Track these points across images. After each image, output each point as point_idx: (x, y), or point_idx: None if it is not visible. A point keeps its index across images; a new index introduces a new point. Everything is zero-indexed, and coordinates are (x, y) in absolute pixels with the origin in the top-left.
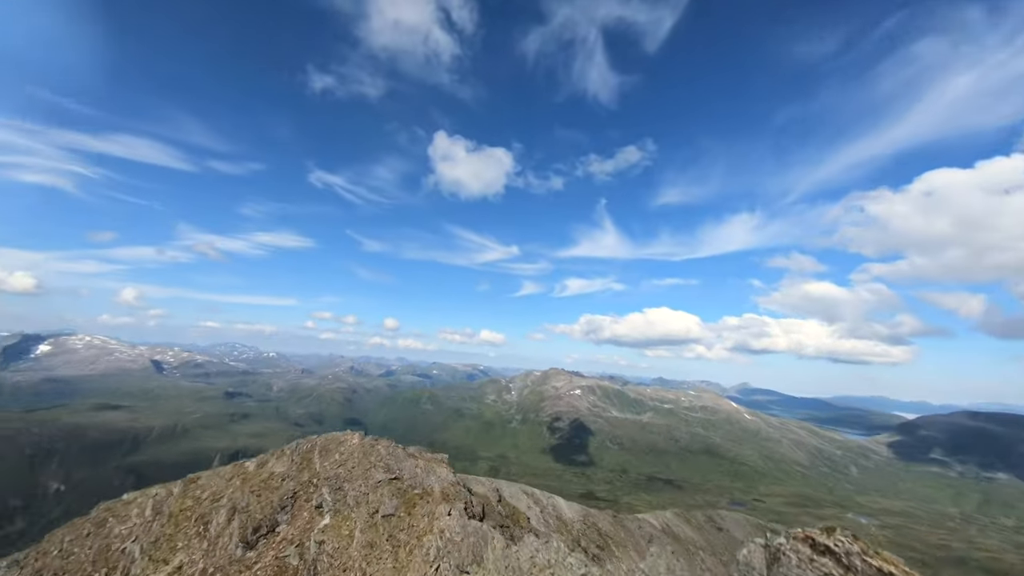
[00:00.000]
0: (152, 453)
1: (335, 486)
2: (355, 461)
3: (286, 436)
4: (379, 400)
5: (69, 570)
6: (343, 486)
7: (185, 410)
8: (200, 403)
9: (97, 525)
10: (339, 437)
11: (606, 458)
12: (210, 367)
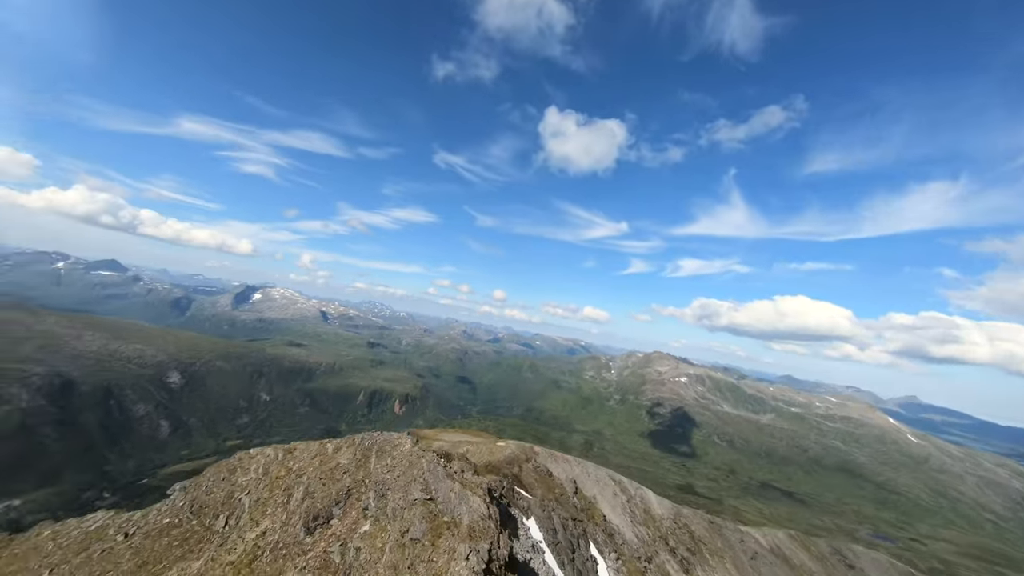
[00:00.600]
0: (320, 383)
1: (380, 492)
2: (401, 470)
3: (411, 383)
4: (486, 363)
5: (208, 505)
6: (386, 494)
7: (341, 352)
8: (351, 348)
9: (230, 471)
10: (394, 440)
11: (711, 454)
12: (359, 320)
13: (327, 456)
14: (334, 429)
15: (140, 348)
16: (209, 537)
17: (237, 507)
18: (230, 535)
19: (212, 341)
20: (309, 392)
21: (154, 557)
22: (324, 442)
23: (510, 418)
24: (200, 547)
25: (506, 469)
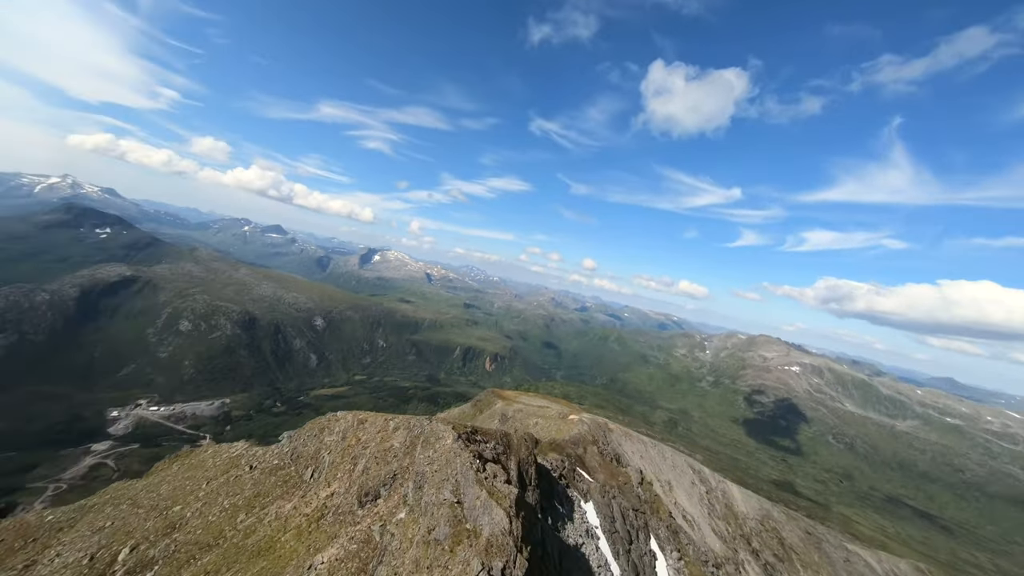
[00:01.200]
0: (424, 335)
1: (418, 483)
2: (439, 465)
3: (501, 344)
4: (572, 331)
5: (303, 456)
6: (423, 486)
7: (441, 311)
8: (450, 308)
9: (320, 429)
10: (439, 432)
11: (822, 454)
12: (457, 283)
13: (386, 435)
14: (434, 376)
15: (296, 296)
16: (300, 485)
17: (320, 464)
18: (311, 488)
19: (344, 294)
20: (415, 343)
21: (264, 491)
22: (388, 419)
23: (592, 386)
24: (292, 492)
25: (570, 449)
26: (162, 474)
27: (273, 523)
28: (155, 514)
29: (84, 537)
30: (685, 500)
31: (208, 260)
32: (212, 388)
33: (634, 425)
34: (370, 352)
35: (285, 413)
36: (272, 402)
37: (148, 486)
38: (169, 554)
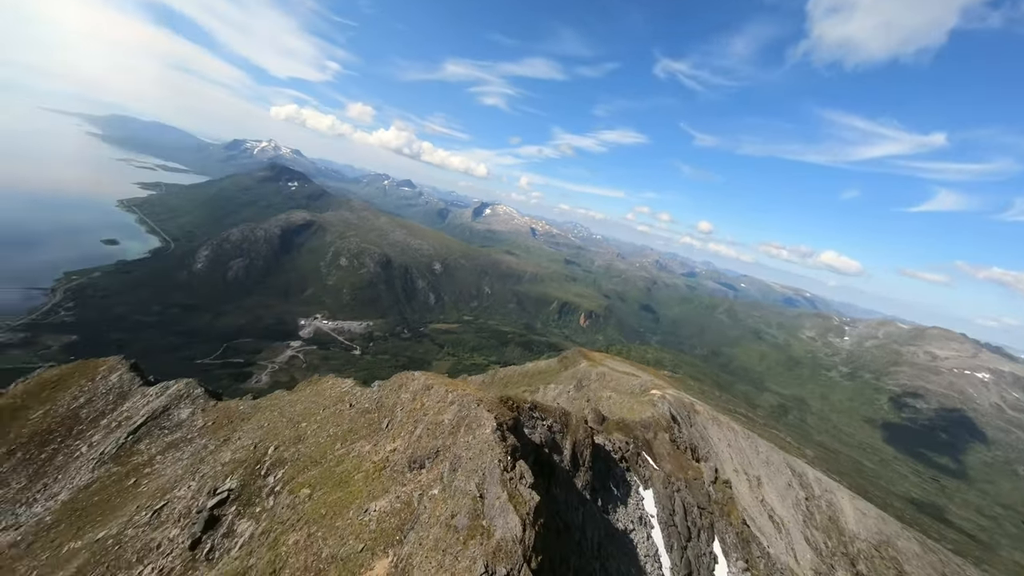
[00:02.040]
0: (525, 287)
1: (454, 466)
2: (473, 453)
3: (597, 301)
4: (675, 296)
5: (384, 406)
6: (457, 469)
7: (542, 265)
8: (550, 262)
9: (399, 385)
10: (482, 420)
11: (1002, 485)
12: (559, 239)
13: (442, 407)
14: (532, 325)
15: (420, 243)
16: (378, 432)
17: (393, 419)
18: (383, 438)
19: (458, 243)
20: (516, 293)
21: (355, 429)
22: (448, 391)
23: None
24: (372, 437)
25: (639, 432)
26: (300, 393)
27: (353, 460)
28: (291, 425)
29: (253, 430)
30: (776, 501)
31: (359, 209)
32: (361, 312)
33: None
34: (477, 297)
35: (409, 339)
36: (401, 329)
37: (291, 401)
38: (294, 459)
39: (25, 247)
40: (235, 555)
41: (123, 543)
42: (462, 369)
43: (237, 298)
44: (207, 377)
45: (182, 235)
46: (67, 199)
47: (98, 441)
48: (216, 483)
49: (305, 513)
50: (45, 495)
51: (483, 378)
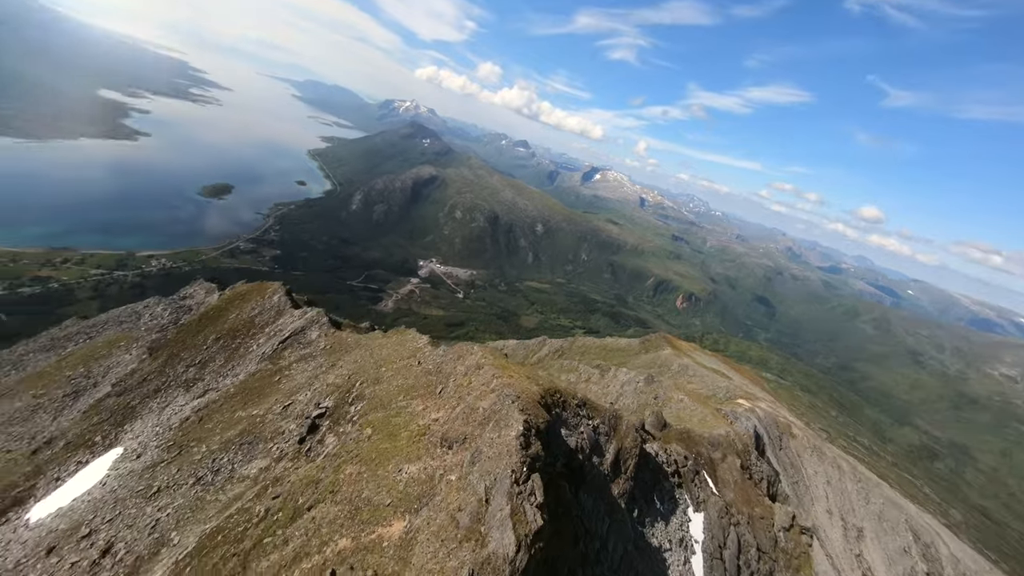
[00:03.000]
0: (622, 258)
1: (474, 459)
2: (493, 453)
3: (701, 284)
4: (804, 292)
5: (443, 372)
6: (476, 463)
7: (646, 238)
8: (656, 236)
9: (458, 356)
10: (510, 418)
11: None
12: (670, 212)
13: (484, 392)
14: (623, 298)
15: (527, 203)
16: (431, 396)
17: (446, 388)
18: (431, 404)
19: (562, 207)
20: (612, 263)
21: (415, 387)
22: (495, 375)
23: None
24: (426, 399)
25: (704, 448)
26: (388, 339)
27: (407, 416)
28: (375, 367)
29: (351, 362)
30: (879, 566)
31: (476, 167)
32: (468, 260)
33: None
34: (573, 262)
35: (505, 291)
36: (499, 281)
37: (381, 344)
38: (370, 398)
39: (254, 181)
40: (318, 463)
41: (264, 423)
42: (546, 328)
43: (377, 236)
44: (351, 295)
45: (345, 181)
46: (278, 147)
47: (261, 343)
48: (320, 398)
49: (362, 451)
50: (232, 373)
51: (562, 343)
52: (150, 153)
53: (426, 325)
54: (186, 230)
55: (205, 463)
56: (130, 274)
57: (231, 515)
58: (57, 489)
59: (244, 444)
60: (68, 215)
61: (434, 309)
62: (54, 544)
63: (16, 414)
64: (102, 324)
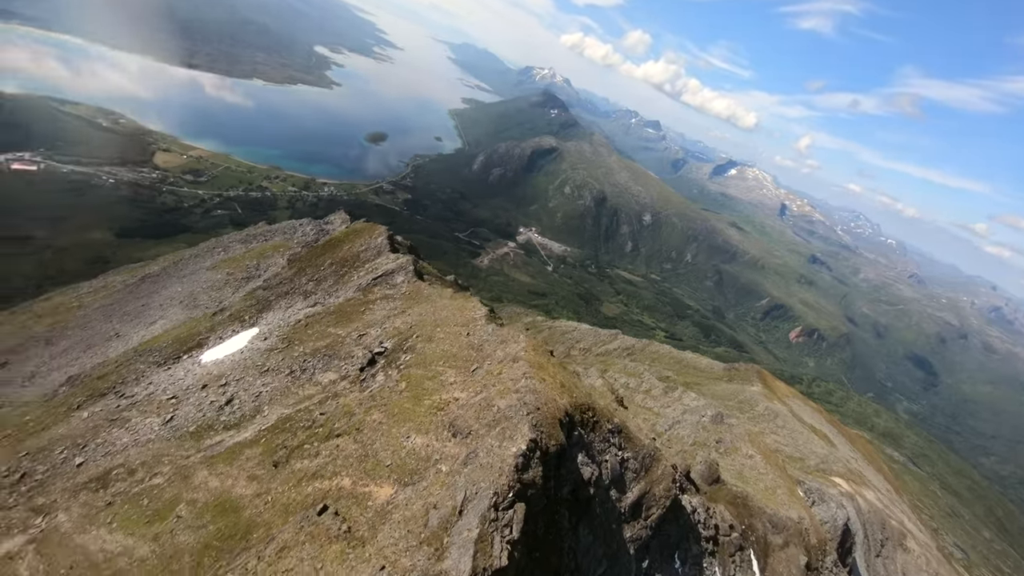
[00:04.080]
0: (734, 268)
1: (468, 459)
2: (487, 461)
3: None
4: (995, 371)
5: (483, 352)
6: (467, 465)
7: (774, 252)
8: (787, 253)
9: (500, 340)
10: (517, 431)
11: None
12: (818, 227)
13: (506, 390)
14: (721, 312)
15: (640, 190)
16: (465, 371)
17: (480, 368)
18: (460, 381)
19: (679, 199)
20: (720, 271)
21: (456, 357)
22: (526, 374)
23: (961, 460)
24: (459, 372)
25: (760, 523)
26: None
27: (437, 383)
28: (432, 326)
29: (415, 314)
30: None
31: (597, 144)
32: (564, 236)
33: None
34: (674, 260)
35: (593, 275)
36: (590, 263)
37: (443, 305)
38: (417, 353)
39: (404, 133)
40: (362, 396)
41: (343, 343)
42: (625, 321)
43: (489, 197)
44: (455, 246)
45: (473, 142)
46: (427, 104)
47: (360, 275)
48: (382, 338)
49: (391, 402)
50: (336, 294)
51: (635, 343)
52: (338, 101)
53: (511, 288)
54: (351, 167)
55: (298, 361)
56: (310, 195)
57: (299, 411)
58: (218, 345)
59: (325, 356)
60: (283, 143)
61: (522, 275)
62: (206, 383)
63: (215, 283)
64: (274, 231)
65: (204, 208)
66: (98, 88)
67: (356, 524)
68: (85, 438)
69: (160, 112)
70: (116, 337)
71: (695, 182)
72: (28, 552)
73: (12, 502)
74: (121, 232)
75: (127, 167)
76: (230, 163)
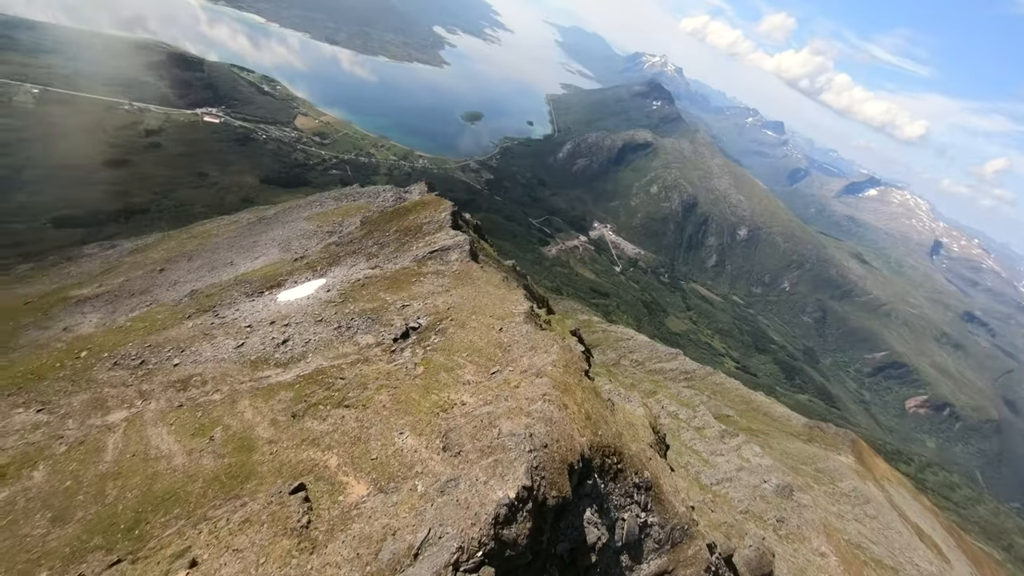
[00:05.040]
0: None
1: (445, 488)
2: (466, 499)
3: (972, 400)
4: None
5: (508, 353)
6: (444, 494)
7: (907, 298)
8: (930, 303)
9: (530, 347)
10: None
11: None
12: (986, 277)
13: (517, 411)
14: (814, 355)
15: (740, 199)
16: (483, 372)
17: (500, 372)
18: (474, 382)
19: (790, 217)
20: (825, 308)
21: (480, 351)
22: (549, 398)
23: None
24: (478, 370)
25: None
26: (495, 289)
27: (451, 378)
28: (469, 313)
29: (457, 296)
30: None
31: (699, 143)
32: (640, 238)
33: None
34: (766, 286)
35: (665, 284)
36: (664, 272)
37: (485, 291)
38: (446, 338)
39: (498, 114)
40: (380, 370)
41: (387, 310)
42: (691, 341)
43: (568, 187)
44: (526, 231)
45: (564, 129)
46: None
47: (419, 247)
48: (421, 313)
49: (402, 386)
50: (394, 261)
51: (696, 369)
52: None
53: (574, 282)
54: (446, 143)
55: (347, 318)
56: (407, 165)
57: (332, 366)
58: (293, 288)
59: (369, 319)
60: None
61: (587, 271)
62: (274, 320)
63: (306, 233)
64: (362, 193)
65: (323, 167)
66: (267, 59)
67: (317, 520)
68: (184, 344)
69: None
70: (230, 265)
71: (815, 199)
72: (120, 428)
73: (130, 382)
74: (263, 179)
75: (276, 126)
76: (349, 130)
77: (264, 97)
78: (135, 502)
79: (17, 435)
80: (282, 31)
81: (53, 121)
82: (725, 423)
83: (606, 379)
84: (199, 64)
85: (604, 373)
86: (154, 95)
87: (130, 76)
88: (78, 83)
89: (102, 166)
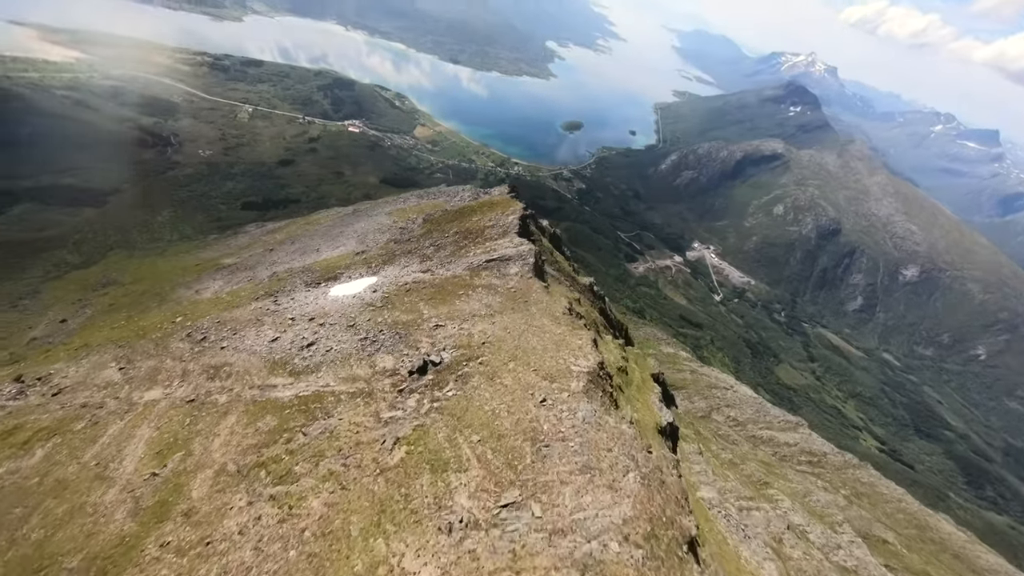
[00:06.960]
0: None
1: None
2: None
3: None
4: None
5: (549, 445)
6: None
7: None
8: None
9: (586, 466)
10: None
11: None
12: None
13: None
14: (1019, 454)
15: (911, 229)
16: (510, 469)
17: (523, 497)
18: (492, 479)
19: (995, 256)
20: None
21: (511, 431)
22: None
23: None
24: (494, 465)
25: None
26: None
27: (435, 488)
28: (510, 351)
29: (501, 324)
30: None
31: (852, 157)
32: (751, 266)
33: None
34: (944, 348)
35: (780, 324)
36: (780, 308)
37: (543, 326)
38: (467, 390)
39: (599, 124)
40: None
41: (420, 328)
42: (810, 402)
43: (668, 202)
44: (614, 244)
45: (671, 139)
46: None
47: (477, 254)
48: (448, 343)
49: (351, 491)
50: (447, 266)
51: (828, 451)
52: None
53: (660, 306)
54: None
55: (377, 328)
56: (502, 171)
57: (328, 395)
58: (346, 283)
59: (397, 334)
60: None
61: (679, 296)
62: (313, 316)
63: (382, 227)
64: (442, 192)
65: (430, 170)
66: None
67: None
68: (240, 327)
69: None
70: (316, 252)
71: None
72: (131, 414)
73: (186, 357)
74: (382, 179)
75: (399, 135)
76: (456, 138)
77: (394, 111)
78: (35, 546)
79: (88, 392)
80: (418, 55)
81: (256, 132)
82: (881, 553)
83: (694, 444)
84: (351, 85)
85: (691, 434)
86: (319, 110)
87: (307, 96)
88: (275, 103)
89: (277, 165)
